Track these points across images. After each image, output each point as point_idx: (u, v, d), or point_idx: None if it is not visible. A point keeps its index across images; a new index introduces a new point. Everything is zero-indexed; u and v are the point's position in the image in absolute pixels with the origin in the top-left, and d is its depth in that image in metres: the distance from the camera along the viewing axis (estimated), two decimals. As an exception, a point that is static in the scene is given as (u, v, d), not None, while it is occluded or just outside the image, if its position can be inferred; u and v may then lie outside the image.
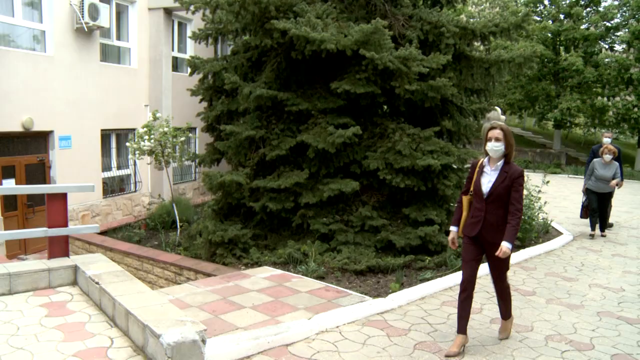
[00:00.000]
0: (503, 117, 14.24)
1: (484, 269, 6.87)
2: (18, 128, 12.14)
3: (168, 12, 16.12)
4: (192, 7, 10.24)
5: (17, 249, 12.33)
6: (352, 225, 8.61)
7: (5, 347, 4.46)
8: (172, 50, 17.09)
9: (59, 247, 6.33)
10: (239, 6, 8.70)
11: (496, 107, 13.34)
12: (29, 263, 6.30)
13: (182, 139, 10.72)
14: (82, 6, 13.12)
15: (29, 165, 12.79)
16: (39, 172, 13.04)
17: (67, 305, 5.50)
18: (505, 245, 4.80)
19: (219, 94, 10.88)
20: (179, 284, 8.07)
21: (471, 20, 10.84)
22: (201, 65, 10.68)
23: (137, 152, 10.64)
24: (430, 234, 8.27)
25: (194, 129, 16.33)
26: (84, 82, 13.78)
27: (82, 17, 13.13)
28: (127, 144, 11.23)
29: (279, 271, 7.63)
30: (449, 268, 7.88)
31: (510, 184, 4.85)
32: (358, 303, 6.28)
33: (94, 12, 13.29)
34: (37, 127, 12.59)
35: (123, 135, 15.66)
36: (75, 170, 13.44)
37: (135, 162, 15.30)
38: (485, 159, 5.07)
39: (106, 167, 15.12)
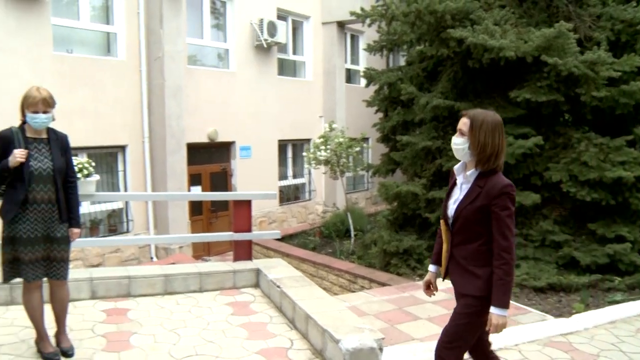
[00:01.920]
0: None
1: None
2: (204, 139, 13.11)
3: (341, 25, 16.54)
4: (367, 20, 10.41)
5: (201, 251, 13.23)
6: (532, 239, 8.21)
7: (198, 339, 4.81)
8: (345, 62, 17.51)
9: (244, 250, 6.70)
10: (414, 17, 8.71)
11: None
12: (216, 264, 6.75)
13: (357, 149, 10.91)
14: (262, 25, 13.91)
15: (213, 174, 13.74)
16: (222, 180, 13.95)
17: (250, 306, 5.78)
18: (495, 315, 2.99)
19: (394, 104, 10.96)
20: (353, 291, 8.19)
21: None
22: (377, 77, 10.82)
23: (313, 161, 11.00)
24: (621, 252, 7.62)
25: (367, 139, 16.58)
26: (263, 96, 14.56)
27: (262, 34, 13.90)
28: (304, 153, 11.66)
29: (453, 284, 7.46)
30: (644, 291, 7.23)
31: (485, 206, 3.04)
32: (538, 322, 5.97)
33: (272, 29, 14.03)
34: (221, 138, 13.51)
35: (299, 145, 16.30)
36: (254, 178, 14.20)
37: (310, 171, 15.81)
38: (458, 165, 3.31)
39: (282, 176, 15.82)
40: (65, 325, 4.38)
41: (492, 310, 3.01)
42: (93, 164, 5.91)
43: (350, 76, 18.17)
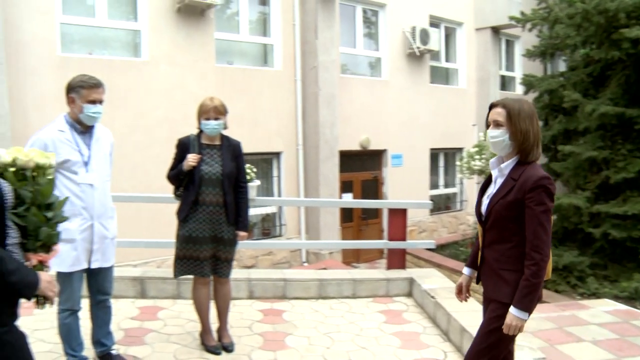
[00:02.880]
0: None
1: None
2: (356, 147, 13.24)
3: (495, 30, 16.00)
4: (528, 25, 10.00)
5: (350, 257, 13.34)
6: None
7: (351, 344, 4.84)
8: (500, 69, 16.91)
9: (397, 259, 6.67)
10: (580, 18, 8.24)
11: None
12: (369, 272, 6.78)
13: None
14: (414, 32, 13.81)
15: (364, 181, 13.82)
16: (372, 188, 13.99)
17: (403, 315, 5.73)
18: (511, 315, 2.75)
19: (555, 112, 10.43)
20: (508, 307, 7.84)
21: None
22: (537, 84, 10.36)
23: (466, 171, 10.72)
24: None
25: (523, 148, 15.89)
26: (415, 104, 14.44)
27: (414, 42, 13.80)
28: (457, 162, 11.39)
29: (623, 306, 6.88)
30: None
31: (519, 201, 2.76)
32: None
33: (424, 37, 13.88)
34: (373, 146, 13.56)
35: (450, 154, 15.99)
36: (404, 187, 14.09)
37: (462, 181, 15.43)
38: (493, 159, 3.01)
39: (433, 185, 15.57)
40: (227, 322, 4.60)
41: (511, 309, 2.76)
42: (254, 169, 6.15)
43: (504, 83, 17.51)
